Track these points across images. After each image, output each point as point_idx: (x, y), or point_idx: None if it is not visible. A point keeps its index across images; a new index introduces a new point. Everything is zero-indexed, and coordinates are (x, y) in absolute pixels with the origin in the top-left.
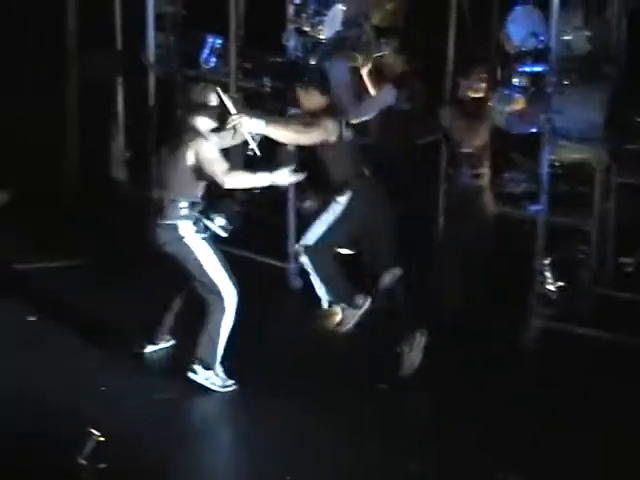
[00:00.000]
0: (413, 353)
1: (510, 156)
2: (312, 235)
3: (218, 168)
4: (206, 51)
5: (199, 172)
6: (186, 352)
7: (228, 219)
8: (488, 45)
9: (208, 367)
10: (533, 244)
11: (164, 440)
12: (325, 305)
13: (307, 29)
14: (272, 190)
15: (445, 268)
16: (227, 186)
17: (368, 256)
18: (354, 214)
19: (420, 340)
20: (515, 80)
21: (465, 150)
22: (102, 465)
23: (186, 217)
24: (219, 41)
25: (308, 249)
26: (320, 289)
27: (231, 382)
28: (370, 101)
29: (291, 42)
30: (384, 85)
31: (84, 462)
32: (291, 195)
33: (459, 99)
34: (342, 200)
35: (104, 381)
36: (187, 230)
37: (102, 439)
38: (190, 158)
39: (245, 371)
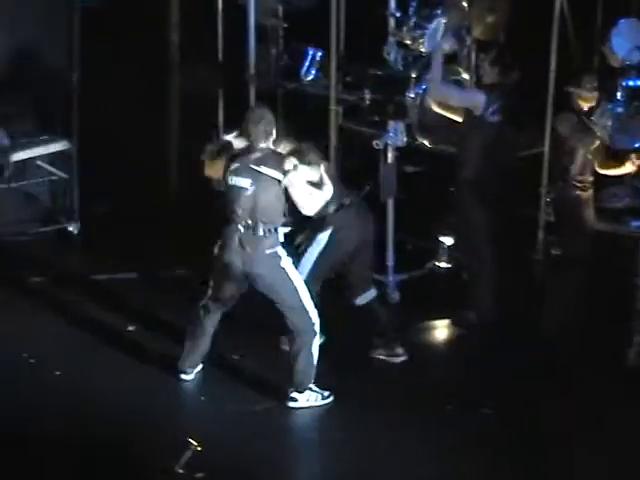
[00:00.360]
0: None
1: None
2: (300, 272)
3: (305, 197)
4: (307, 64)
5: (287, 198)
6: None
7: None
8: (591, 58)
9: (304, 389)
10: (635, 260)
11: (261, 450)
12: None
13: (408, 42)
14: None
15: (547, 284)
16: (309, 213)
17: (350, 277)
18: (339, 247)
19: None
20: (619, 94)
21: (575, 161)
22: (199, 474)
23: (282, 243)
24: (320, 54)
25: None
26: None
27: (327, 393)
28: (459, 90)
29: (392, 55)
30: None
31: (181, 471)
32: (390, 210)
33: (572, 109)
34: (323, 237)
35: (203, 390)
36: (284, 256)
37: (199, 449)
38: (285, 186)
39: (341, 384)
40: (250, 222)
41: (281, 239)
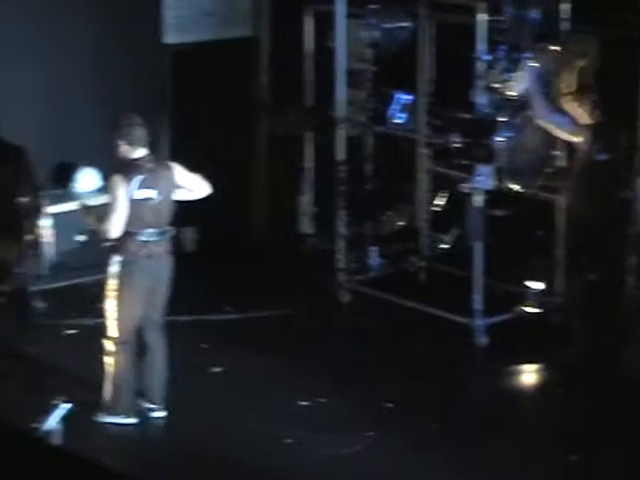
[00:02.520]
0: None
1: None
2: None
3: None
4: (395, 107)
5: None
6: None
7: None
8: None
9: None
10: None
11: None
12: None
13: (497, 86)
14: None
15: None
16: None
17: None
18: None
19: None
20: None
21: None
22: None
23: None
24: (408, 97)
25: None
26: None
27: None
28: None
29: (481, 99)
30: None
31: None
32: (478, 254)
33: None
34: None
35: (288, 433)
36: None
37: None
38: None
39: (430, 426)
40: None
41: None
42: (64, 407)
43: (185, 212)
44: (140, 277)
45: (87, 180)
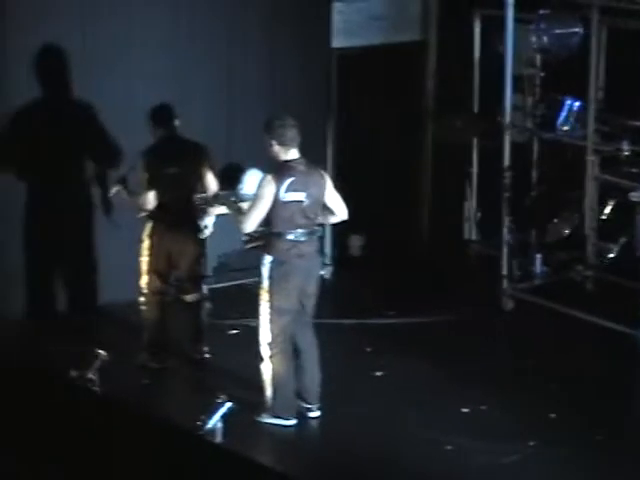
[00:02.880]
0: None
1: None
2: None
3: None
4: (563, 114)
5: None
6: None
7: None
8: None
9: None
10: None
11: None
12: None
13: None
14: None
15: None
16: None
17: None
18: None
19: None
20: None
21: None
22: None
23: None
24: (577, 103)
25: None
26: None
27: None
28: None
29: None
30: None
31: None
32: None
33: None
34: None
35: (447, 439)
36: None
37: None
38: None
39: (594, 438)
40: None
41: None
42: (226, 406)
43: (352, 218)
44: (292, 277)
45: (253, 182)
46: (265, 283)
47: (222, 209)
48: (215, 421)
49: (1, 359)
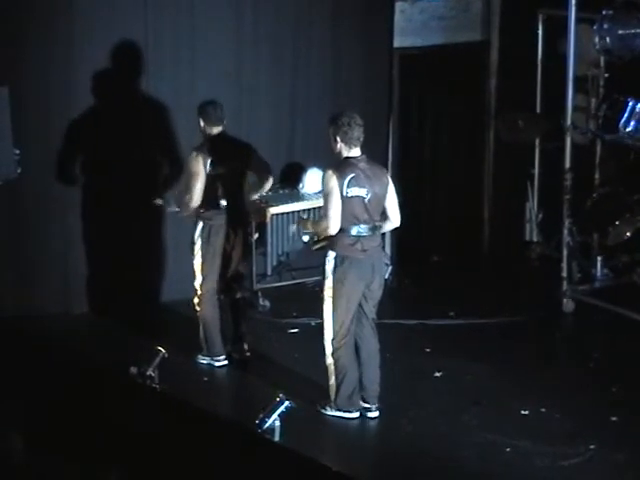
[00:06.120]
0: None
1: None
2: None
3: None
4: (626, 115)
5: None
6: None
7: None
8: None
9: None
10: None
11: None
12: None
13: None
14: None
15: None
16: None
17: None
18: None
19: None
20: None
21: None
22: None
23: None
24: None
25: None
26: None
27: None
28: None
29: None
30: None
31: None
32: None
33: None
34: None
35: (507, 441)
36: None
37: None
38: None
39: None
40: None
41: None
42: (284, 405)
43: (411, 218)
44: (356, 273)
45: (313, 181)
46: (329, 279)
47: (306, 230)
48: (273, 419)
49: (64, 355)
